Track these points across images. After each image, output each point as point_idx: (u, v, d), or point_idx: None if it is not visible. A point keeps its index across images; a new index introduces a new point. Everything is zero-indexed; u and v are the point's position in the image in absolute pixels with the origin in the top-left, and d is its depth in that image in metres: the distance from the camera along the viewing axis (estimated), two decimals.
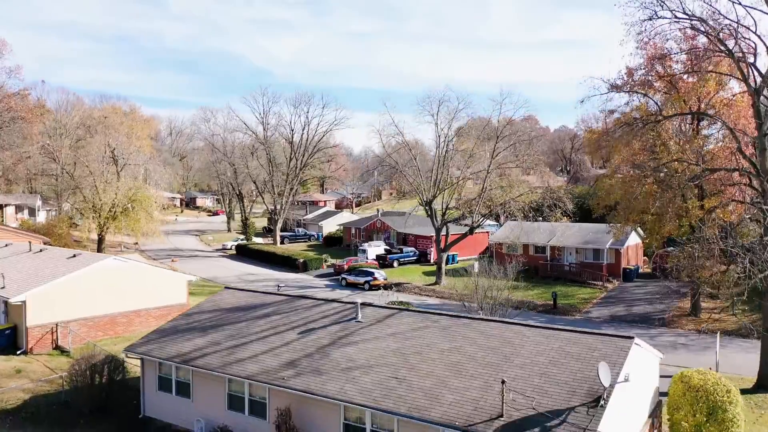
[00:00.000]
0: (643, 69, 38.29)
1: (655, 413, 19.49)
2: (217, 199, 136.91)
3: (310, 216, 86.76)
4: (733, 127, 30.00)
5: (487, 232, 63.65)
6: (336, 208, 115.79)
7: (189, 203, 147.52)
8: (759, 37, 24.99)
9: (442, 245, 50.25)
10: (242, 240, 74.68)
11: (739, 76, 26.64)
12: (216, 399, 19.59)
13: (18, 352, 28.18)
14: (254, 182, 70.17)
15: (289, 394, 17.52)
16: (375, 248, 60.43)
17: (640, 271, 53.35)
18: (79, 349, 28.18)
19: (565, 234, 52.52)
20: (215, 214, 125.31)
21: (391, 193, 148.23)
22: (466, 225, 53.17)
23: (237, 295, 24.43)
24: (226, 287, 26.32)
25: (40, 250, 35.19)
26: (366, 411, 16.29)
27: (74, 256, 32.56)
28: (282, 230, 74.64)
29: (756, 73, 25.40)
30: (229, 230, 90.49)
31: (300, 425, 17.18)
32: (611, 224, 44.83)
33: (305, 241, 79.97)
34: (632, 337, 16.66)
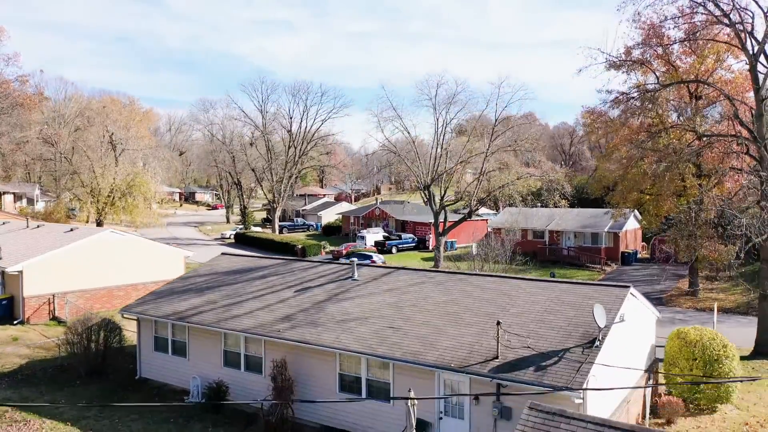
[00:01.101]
0: (641, 48, 38.28)
1: (651, 369, 19.45)
2: (216, 195, 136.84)
3: (308, 206, 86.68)
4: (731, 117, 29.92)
5: (486, 220, 63.62)
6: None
7: (188, 198, 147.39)
8: (757, 3, 24.99)
9: (440, 230, 50.15)
10: (241, 229, 74.62)
11: (737, 45, 26.62)
12: (212, 357, 19.55)
13: (15, 322, 28.13)
14: (253, 170, 70.03)
15: (285, 346, 17.49)
16: (374, 235, 60.42)
17: (639, 255, 53.33)
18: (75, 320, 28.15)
19: (564, 218, 52.50)
20: (214, 208, 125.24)
21: (390, 188, 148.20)
22: (465, 209, 53.10)
23: (233, 260, 24.40)
24: (222, 253, 26.28)
25: (38, 227, 35.14)
26: (362, 358, 16.26)
27: (72, 230, 32.52)
28: (281, 220, 74.52)
29: (753, 41, 25.41)
30: (228, 221, 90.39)
31: (296, 377, 17.12)
32: (610, 206, 44.79)
33: (304, 231, 79.88)
34: (628, 286, 16.64)
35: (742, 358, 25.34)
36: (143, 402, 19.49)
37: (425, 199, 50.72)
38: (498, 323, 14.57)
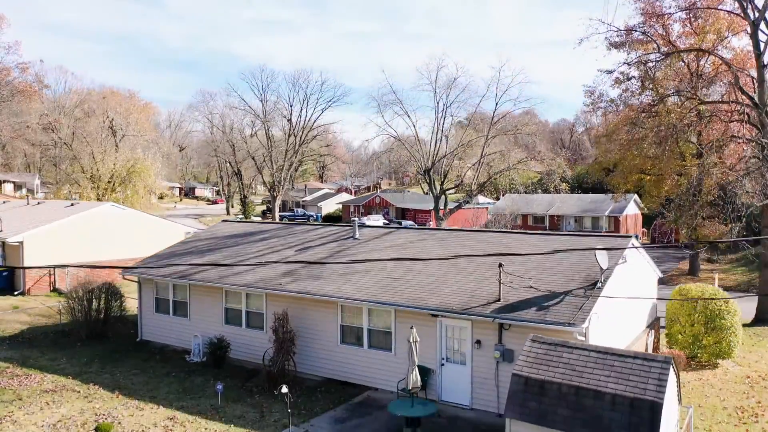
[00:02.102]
0: (641, 27, 38.27)
1: (652, 326, 19.44)
2: (216, 191, 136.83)
3: (309, 198, 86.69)
4: (732, 84, 29.88)
5: (486, 208, 63.65)
6: None
7: (188, 193, 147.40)
8: None
9: (441, 214, 50.15)
10: (241, 219, 74.67)
11: (739, 11, 26.64)
12: (213, 315, 19.53)
13: (15, 293, 28.12)
14: (253, 158, 69.99)
15: (286, 298, 17.48)
16: (374, 221, 60.39)
17: (639, 240, 53.38)
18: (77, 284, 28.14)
19: (565, 203, 52.50)
20: (214, 203, 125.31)
21: (389, 184, 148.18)
22: (466, 198, 53.10)
23: (234, 226, 24.39)
24: (223, 220, 26.26)
25: (38, 204, 35.14)
26: (363, 307, 16.25)
27: (72, 204, 32.51)
28: (281, 211, 74.50)
29: (752, 6, 25.45)
30: (228, 213, 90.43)
31: (297, 329, 17.09)
32: (610, 186, 44.81)
33: (304, 221, 79.89)
34: (630, 236, 16.62)
35: (744, 325, 25.38)
36: (145, 360, 19.45)
37: (426, 183, 50.73)
38: (500, 265, 14.55)
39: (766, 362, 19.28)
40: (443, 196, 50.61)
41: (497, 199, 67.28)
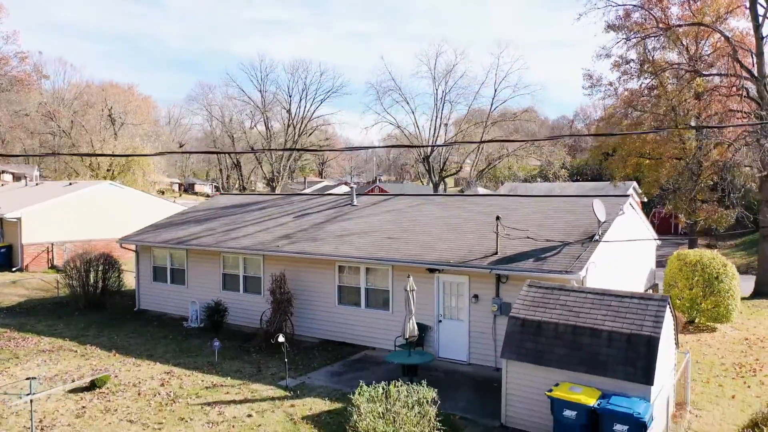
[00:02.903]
0: (640, 11, 38.25)
1: (650, 290, 19.40)
2: (215, 186, 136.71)
3: (308, 190, 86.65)
4: (732, 68, 29.81)
5: None
6: None
7: (188, 189, 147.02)
8: None
9: None
10: None
11: None
12: (211, 281, 19.50)
13: (13, 269, 28.08)
14: (252, 148, 69.96)
15: (284, 260, 17.46)
16: None
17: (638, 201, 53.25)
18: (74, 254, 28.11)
19: (564, 191, 52.30)
20: None
21: (388, 180, 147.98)
22: (465, 182, 53.12)
23: (232, 198, 24.38)
24: (221, 193, 26.21)
25: (36, 184, 35.10)
26: (361, 267, 16.22)
27: (70, 183, 32.46)
28: None
29: None
30: None
31: (294, 291, 17.06)
32: (609, 172, 44.71)
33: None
34: (627, 195, 16.60)
35: (743, 298, 25.38)
36: (142, 326, 19.42)
37: (426, 170, 50.73)
38: (497, 218, 14.53)
39: (765, 328, 19.26)
40: (442, 183, 50.68)
41: (497, 189, 67.36)
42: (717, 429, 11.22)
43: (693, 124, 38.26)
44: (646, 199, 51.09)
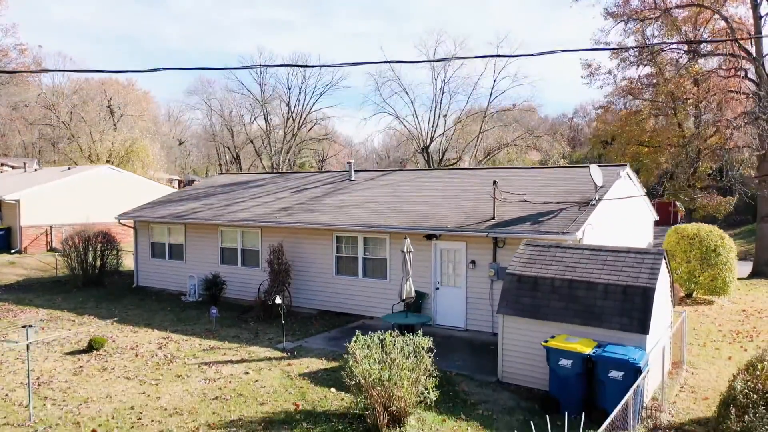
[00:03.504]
0: None
1: None
2: None
3: None
4: (731, 52, 29.82)
5: None
6: None
7: (187, 185, 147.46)
8: None
9: None
10: None
11: None
12: (209, 256, 19.51)
13: (12, 251, 28.10)
14: (251, 141, 69.98)
15: (282, 231, 17.48)
16: None
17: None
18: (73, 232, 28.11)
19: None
20: None
21: None
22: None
23: (231, 177, 24.42)
24: (219, 173, 26.22)
25: (35, 170, 35.11)
26: (359, 236, 16.24)
27: (69, 168, 32.47)
28: None
29: None
30: None
31: (292, 262, 17.08)
32: (607, 160, 44.77)
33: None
34: (625, 165, 16.62)
35: (740, 279, 25.42)
36: (141, 300, 19.45)
37: (424, 159, 50.68)
38: (494, 183, 14.54)
39: (763, 301, 19.28)
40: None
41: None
42: (713, 384, 11.24)
43: (692, 111, 38.44)
44: (645, 190, 51.14)
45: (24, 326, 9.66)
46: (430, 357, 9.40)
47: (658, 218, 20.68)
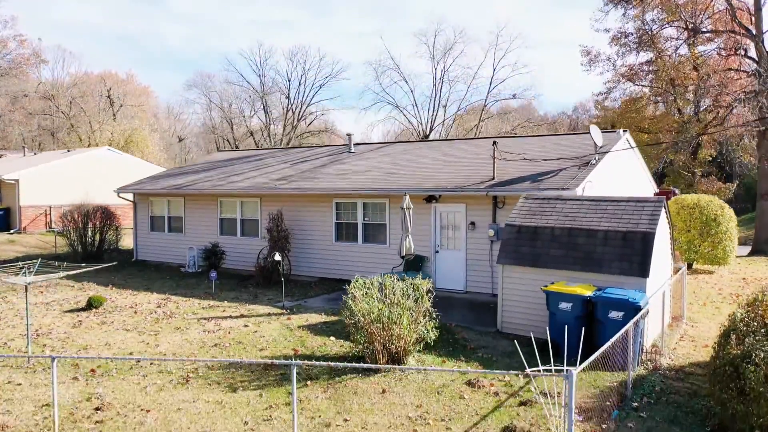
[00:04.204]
0: None
1: None
2: None
3: None
4: (730, 38, 29.77)
5: None
6: None
7: None
8: None
9: None
10: None
11: None
12: (208, 227, 19.49)
13: (11, 231, 28.07)
14: (251, 133, 69.87)
15: (281, 199, 17.46)
16: None
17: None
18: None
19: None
20: None
21: None
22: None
23: (230, 153, 24.36)
24: (219, 150, 26.21)
25: (35, 154, 35.07)
26: (358, 202, 16.21)
27: (68, 150, 32.44)
28: None
29: None
30: None
31: (291, 230, 17.06)
32: None
33: None
34: (626, 130, 16.60)
35: (740, 256, 25.41)
36: (140, 270, 19.43)
37: None
38: (494, 143, 14.52)
39: (762, 272, 19.27)
40: None
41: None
42: (713, 334, 11.20)
43: (691, 97, 38.41)
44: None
45: (21, 267, 9.63)
46: (429, 299, 9.38)
47: (658, 191, 20.63)
